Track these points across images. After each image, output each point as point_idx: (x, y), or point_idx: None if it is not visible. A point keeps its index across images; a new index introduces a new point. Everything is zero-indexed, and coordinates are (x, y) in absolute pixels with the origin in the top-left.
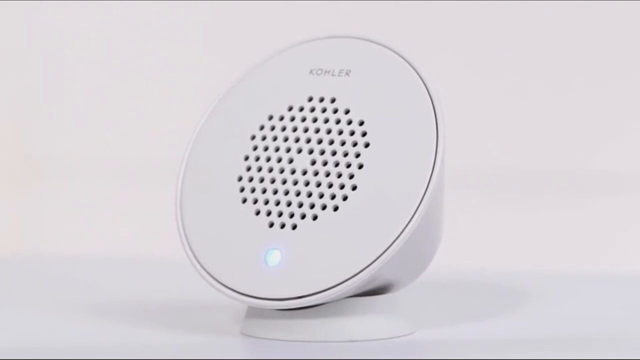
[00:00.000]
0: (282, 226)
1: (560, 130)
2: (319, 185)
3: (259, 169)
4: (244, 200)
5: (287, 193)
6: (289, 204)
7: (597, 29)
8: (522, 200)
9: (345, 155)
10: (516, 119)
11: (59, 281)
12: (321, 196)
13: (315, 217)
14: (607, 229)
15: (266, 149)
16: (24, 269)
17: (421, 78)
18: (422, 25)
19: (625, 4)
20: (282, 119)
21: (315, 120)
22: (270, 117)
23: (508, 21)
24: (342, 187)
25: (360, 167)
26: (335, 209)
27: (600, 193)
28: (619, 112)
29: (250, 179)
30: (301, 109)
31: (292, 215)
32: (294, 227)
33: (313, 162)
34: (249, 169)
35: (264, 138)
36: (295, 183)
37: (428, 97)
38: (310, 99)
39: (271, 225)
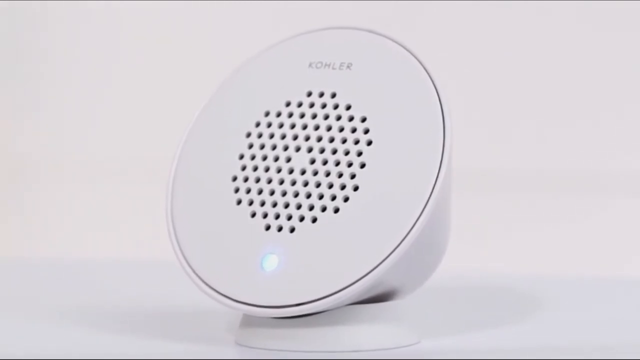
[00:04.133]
0: (280, 229)
1: (572, 131)
2: (318, 185)
3: (255, 169)
4: (239, 202)
5: (284, 194)
6: (286, 206)
7: (603, 28)
8: (532, 202)
9: (347, 153)
10: (524, 117)
11: (48, 285)
12: (321, 197)
13: (314, 220)
14: (619, 231)
15: (262, 147)
16: (14, 273)
17: (427, 72)
18: (428, 18)
19: (633, 4)
20: (279, 115)
21: (314, 116)
22: (267, 113)
23: (515, 18)
24: (343, 187)
25: (363, 166)
26: (336, 210)
27: (612, 195)
28: (629, 113)
29: (246, 179)
30: (300, 105)
31: (290, 218)
32: (292, 230)
33: (312, 161)
34: (244, 168)
35: (260, 135)
36: (294, 183)
37: (434, 92)
38: (310, 94)
39: (268, 228)
